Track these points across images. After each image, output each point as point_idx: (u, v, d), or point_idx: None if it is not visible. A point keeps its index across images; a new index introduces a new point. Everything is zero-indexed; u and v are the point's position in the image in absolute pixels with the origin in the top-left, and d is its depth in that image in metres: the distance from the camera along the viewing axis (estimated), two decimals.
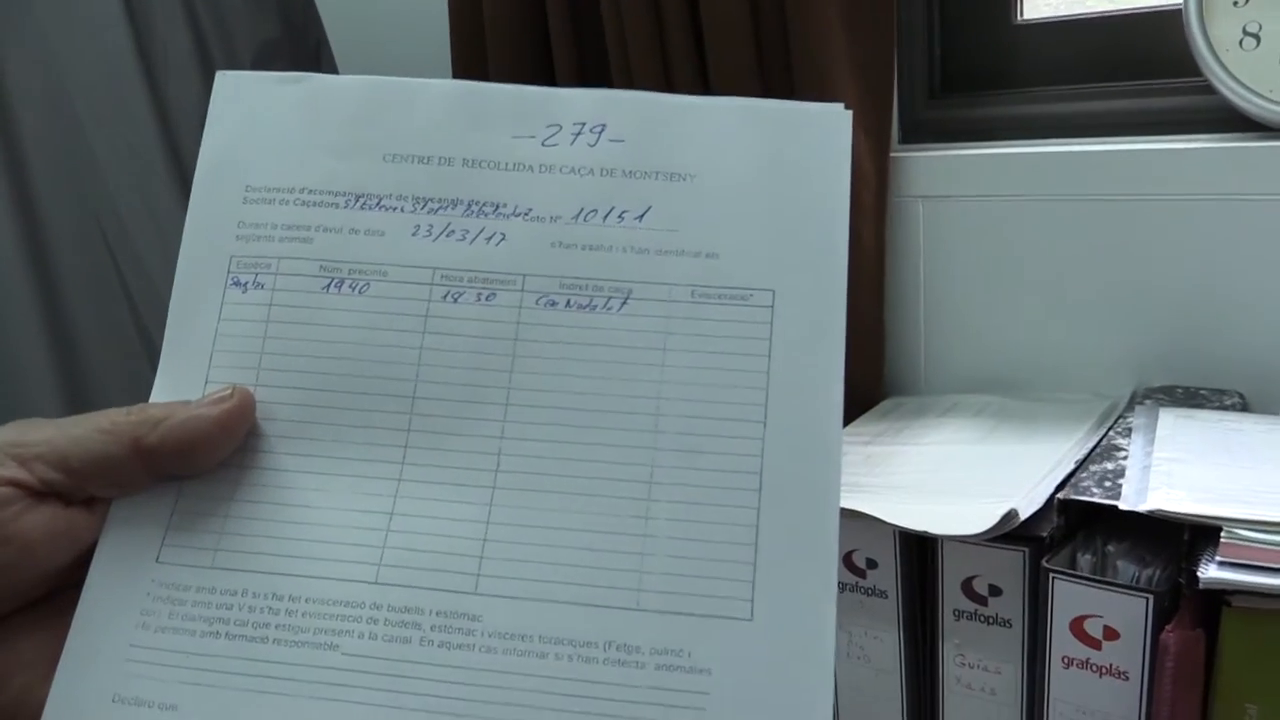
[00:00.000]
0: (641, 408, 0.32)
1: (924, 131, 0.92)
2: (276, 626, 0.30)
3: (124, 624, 0.31)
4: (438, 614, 0.30)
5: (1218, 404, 0.74)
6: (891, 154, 0.84)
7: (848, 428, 0.80)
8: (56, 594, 0.31)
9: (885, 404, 0.87)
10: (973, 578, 0.60)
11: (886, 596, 0.63)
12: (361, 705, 0.30)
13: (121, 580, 0.31)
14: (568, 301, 0.33)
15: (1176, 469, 0.59)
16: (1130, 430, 0.68)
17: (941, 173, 0.85)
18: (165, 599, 0.31)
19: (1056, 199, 0.80)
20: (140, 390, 0.33)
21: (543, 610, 0.30)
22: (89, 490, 0.31)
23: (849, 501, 0.60)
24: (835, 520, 0.30)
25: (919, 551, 0.62)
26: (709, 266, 0.33)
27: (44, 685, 0.30)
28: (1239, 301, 0.76)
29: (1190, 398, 0.75)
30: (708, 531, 0.30)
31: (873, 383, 0.88)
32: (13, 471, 0.30)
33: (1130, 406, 0.75)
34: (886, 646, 0.64)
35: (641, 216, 0.33)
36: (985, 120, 0.90)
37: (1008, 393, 0.84)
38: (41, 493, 0.30)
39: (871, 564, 0.63)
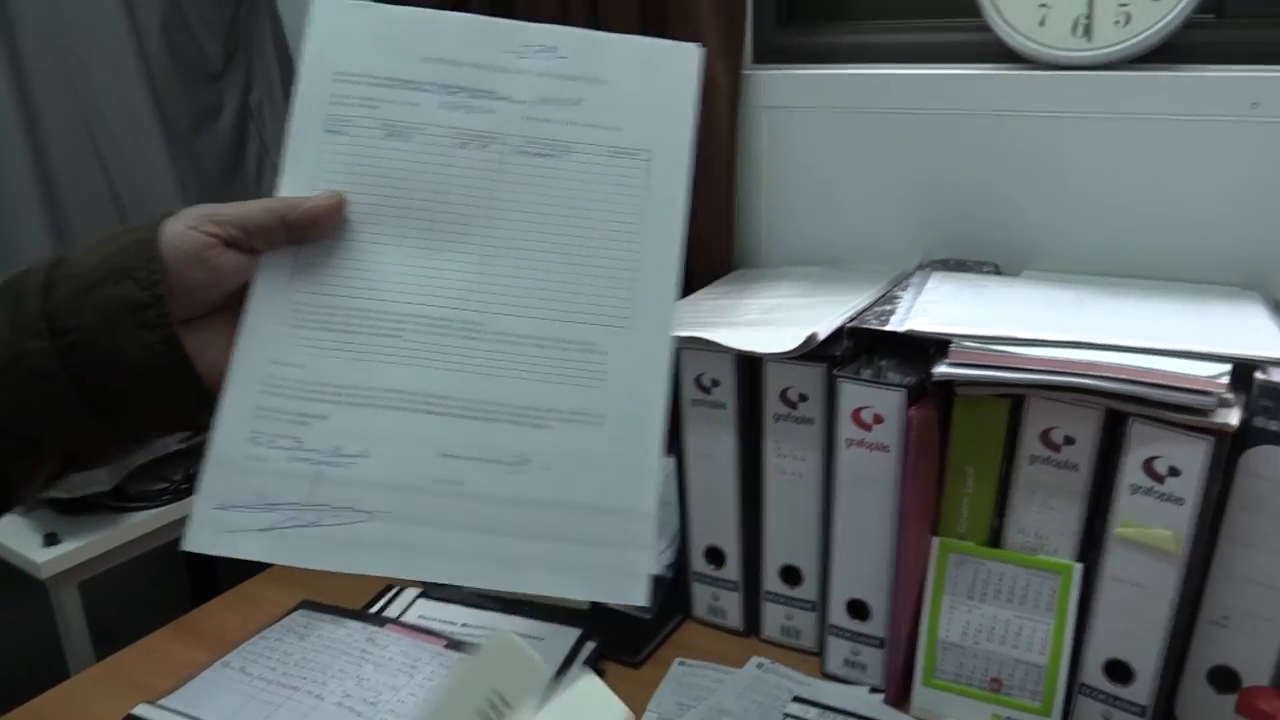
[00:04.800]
0: (575, 214, 0.52)
1: (773, 54, 1.08)
2: (362, 325, 0.51)
3: (272, 320, 0.50)
4: (462, 323, 0.51)
5: (977, 270, 0.93)
6: (744, 71, 1.01)
7: (702, 289, 0.98)
8: (232, 304, 0.50)
9: (732, 274, 1.04)
10: (787, 388, 0.78)
11: (725, 408, 0.81)
12: (414, 367, 0.50)
13: (270, 296, 0.51)
14: (533, 152, 0.53)
15: (931, 307, 0.78)
16: (907, 286, 0.87)
17: (784, 88, 1.01)
18: (294, 307, 0.51)
19: (872, 111, 0.97)
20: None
21: (518, 321, 0.51)
22: (253, 244, 0.50)
23: (700, 332, 0.78)
24: (676, 286, 0.52)
25: (749, 372, 0.79)
26: (615, 135, 0.53)
27: (226, 354, 0.50)
28: (1000, 195, 0.95)
29: (958, 265, 0.94)
30: (611, 282, 0.51)
31: (723, 257, 1.04)
32: (213, 229, 0.49)
33: (914, 273, 0.94)
34: (725, 447, 0.82)
35: (577, 104, 0.53)
36: (822, 46, 1.07)
37: (827, 265, 1.03)
38: (229, 243, 0.49)
39: (715, 383, 0.81)
